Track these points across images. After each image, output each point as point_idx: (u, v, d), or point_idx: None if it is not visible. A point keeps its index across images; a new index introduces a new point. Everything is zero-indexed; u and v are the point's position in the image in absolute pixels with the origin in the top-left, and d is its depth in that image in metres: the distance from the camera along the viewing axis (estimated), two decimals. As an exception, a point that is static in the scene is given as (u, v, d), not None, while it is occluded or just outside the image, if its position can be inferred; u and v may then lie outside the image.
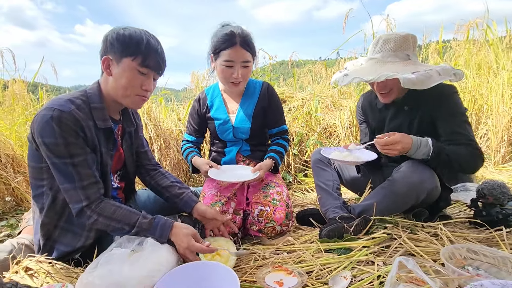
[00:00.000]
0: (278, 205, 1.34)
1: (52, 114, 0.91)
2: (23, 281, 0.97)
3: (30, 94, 3.11)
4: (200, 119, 1.60)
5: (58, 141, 0.92)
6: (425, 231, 1.22)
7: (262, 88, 1.55)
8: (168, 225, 0.99)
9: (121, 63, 1.00)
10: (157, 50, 1.02)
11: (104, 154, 1.07)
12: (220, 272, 0.91)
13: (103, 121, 1.04)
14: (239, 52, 1.34)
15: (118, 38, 0.98)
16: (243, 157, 1.59)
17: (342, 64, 4.26)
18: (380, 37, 1.31)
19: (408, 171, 1.23)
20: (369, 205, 1.31)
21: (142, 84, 1.03)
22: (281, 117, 1.60)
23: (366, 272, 0.98)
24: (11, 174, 2.00)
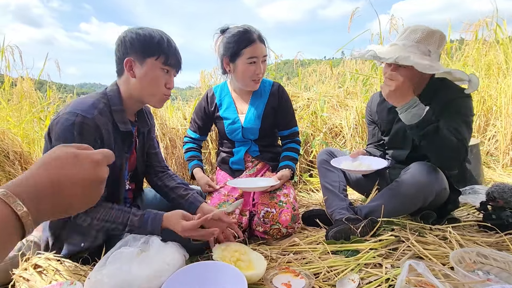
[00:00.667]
0: (284, 207, 1.33)
1: (74, 119, 0.92)
2: (32, 278, 0.99)
3: (37, 91, 3.13)
4: (206, 117, 1.59)
5: None
6: (433, 233, 1.21)
7: (272, 88, 1.54)
8: (159, 218, 1.00)
9: (144, 64, 1.01)
10: (176, 48, 1.06)
11: (118, 157, 1.07)
12: (228, 272, 0.91)
13: (124, 123, 1.05)
14: (260, 47, 1.37)
15: (138, 39, 0.99)
16: (251, 157, 1.58)
17: (347, 64, 4.24)
18: (409, 26, 1.28)
19: (416, 172, 1.22)
20: (376, 207, 1.30)
21: (166, 82, 1.06)
22: (292, 118, 1.59)
23: (374, 274, 0.97)
24: (18, 171, 2.02)
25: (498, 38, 3.03)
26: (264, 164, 1.58)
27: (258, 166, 1.58)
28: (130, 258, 0.87)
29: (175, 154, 2.25)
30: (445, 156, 1.18)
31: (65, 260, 1.05)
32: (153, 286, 0.84)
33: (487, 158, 2.62)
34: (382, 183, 1.48)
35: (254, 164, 1.58)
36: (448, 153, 1.16)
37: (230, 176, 1.56)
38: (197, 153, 1.62)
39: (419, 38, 1.22)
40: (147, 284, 0.83)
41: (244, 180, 1.49)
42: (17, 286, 0.99)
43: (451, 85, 1.27)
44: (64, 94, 3.86)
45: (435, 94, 1.27)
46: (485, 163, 2.55)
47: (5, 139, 2.06)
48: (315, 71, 4.19)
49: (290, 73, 6.32)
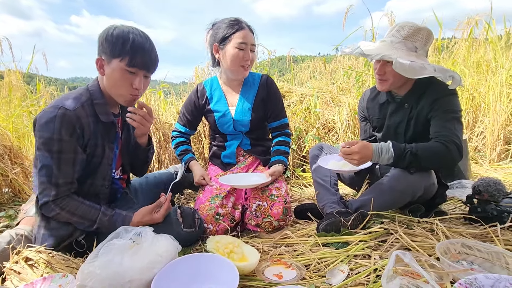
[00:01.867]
0: (276, 200, 1.35)
1: (57, 112, 0.97)
2: (23, 271, 0.98)
3: (26, 85, 3.07)
4: (196, 111, 1.59)
5: (54, 137, 0.97)
6: (421, 226, 1.24)
7: (261, 80, 1.55)
8: (128, 220, 1.06)
9: (111, 64, 1.04)
10: (143, 48, 1.04)
11: (105, 147, 1.11)
12: (220, 264, 0.92)
13: (106, 115, 1.10)
14: (249, 35, 1.40)
15: (107, 39, 1.02)
16: (243, 151, 1.59)
17: (340, 60, 4.26)
18: (398, 23, 1.31)
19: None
20: (367, 201, 1.32)
21: (132, 83, 1.06)
22: (282, 109, 1.59)
23: (363, 265, 1.00)
24: (8, 165, 1.99)
25: (488, 36, 3.08)
26: (255, 158, 1.59)
27: (249, 159, 1.59)
28: (123, 250, 0.87)
29: (168, 149, 2.25)
30: (442, 164, 1.23)
31: (56, 253, 1.05)
32: (146, 277, 0.84)
33: (475, 154, 2.68)
34: (373, 178, 1.51)
35: (246, 158, 1.59)
36: (443, 160, 1.19)
37: (221, 170, 1.57)
38: (189, 147, 1.62)
39: (406, 35, 1.25)
40: (139, 275, 0.83)
41: (236, 175, 1.49)
42: (8, 279, 0.99)
43: (438, 82, 1.30)
44: (55, 87, 3.79)
45: (423, 92, 1.30)
46: (473, 159, 2.61)
47: (-7, 133, 2.03)
48: (308, 67, 4.20)
49: (284, 69, 6.32)
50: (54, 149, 0.98)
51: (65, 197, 1.01)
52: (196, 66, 3.74)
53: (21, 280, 0.97)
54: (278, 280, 0.92)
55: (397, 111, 1.37)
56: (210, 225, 1.28)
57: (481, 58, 3.02)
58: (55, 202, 1.00)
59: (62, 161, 0.99)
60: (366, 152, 1.19)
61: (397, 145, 1.20)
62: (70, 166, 1.01)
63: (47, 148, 0.98)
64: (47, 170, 0.99)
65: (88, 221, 1.02)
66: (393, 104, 1.39)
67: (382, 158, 1.20)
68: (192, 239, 1.21)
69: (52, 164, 0.98)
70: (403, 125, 1.35)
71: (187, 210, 1.20)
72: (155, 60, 1.09)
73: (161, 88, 2.97)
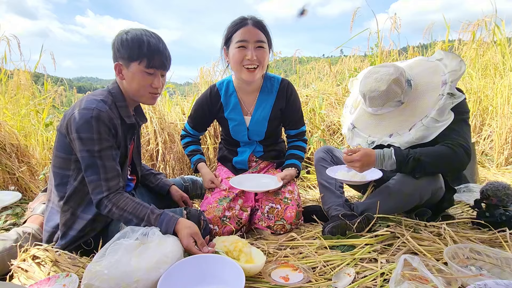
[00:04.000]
0: (290, 203, 1.34)
1: (92, 113, 1.01)
2: (30, 269, 0.99)
3: (34, 84, 3.10)
4: (209, 114, 1.52)
5: (94, 136, 1.00)
6: (428, 230, 1.22)
7: (280, 86, 1.46)
8: (173, 222, 1.03)
9: (130, 68, 1.08)
10: (159, 49, 1.08)
11: (124, 147, 1.15)
12: (226, 265, 0.92)
13: (128, 117, 1.14)
14: (252, 31, 1.27)
15: (122, 44, 1.06)
16: (256, 157, 1.57)
17: (345, 62, 4.24)
18: (364, 93, 1.29)
19: None
20: (372, 204, 1.31)
21: (151, 83, 1.10)
22: (301, 118, 1.54)
23: (369, 269, 0.99)
24: (15, 163, 2.01)
25: (496, 39, 3.05)
26: (268, 163, 1.58)
27: (261, 165, 1.57)
28: (130, 250, 0.87)
29: (173, 149, 2.25)
30: (449, 168, 1.21)
31: (63, 252, 1.06)
32: (152, 278, 0.84)
33: (482, 157, 2.65)
34: (379, 181, 1.49)
35: (258, 164, 1.57)
36: (449, 164, 1.18)
37: (232, 174, 1.53)
38: (198, 147, 1.60)
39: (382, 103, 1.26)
40: (146, 275, 0.83)
41: (247, 176, 1.47)
42: (15, 276, 0.99)
43: None
44: (61, 87, 3.83)
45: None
46: (480, 163, 2.58)
47: (1, 131, 2.05)
48: (314, 68, 4.19)
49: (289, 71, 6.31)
50: (96, 148, 1.00)
51: (116, 193, 1.03)
52: (201, 66, 3.76)
53: (28, 278, 0.97)
54: (284, 282, 0.91)
55: None
56: (216, 226, 1.27)
57: (489, 61, 2.99)
58: (108, 197, 1.01)
59: (104, 158, 1.02)
60: (368, 159, 1.20)
61: (399, 151, 1.19)
62: (112, 161, 1.04)
63: (88, 148, 1.00)
64: (93, 169, 1.01)
65: (136, 219, 1.02)
66: None
67: (385, 164, 1.20)
68: None
69: (97, 162, 1.01)
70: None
71: (193, 211, 1.20)
72: (170, 59, 1.14)
73: (166, 88, 2.99)
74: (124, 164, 1.16)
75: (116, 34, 1.10)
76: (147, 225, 1.01)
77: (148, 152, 2.22)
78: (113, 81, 1.16)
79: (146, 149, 2.22)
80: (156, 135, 2.19)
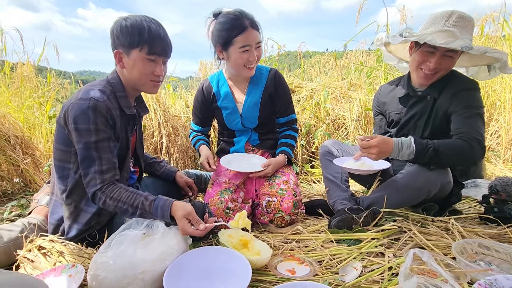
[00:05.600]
0: (285, 194, 1.33)
1: (89, 103, 0.98)
2: (36, 260, 0.99)
3: (38, 76, 3.10)
4: (206, 108, 1.57)
5: (90, 127, 0.98)
6: (435, 225, 1.21)
7: (269, 74, 1.51)
8: (168, 205, 0.98)
9: (130, 55, 1.05)
10: (160, 35, 1.05)
11: (125, 139, 1.13)
12: (232, 258, 0.91)
13: (128, 108, 1.11)
14: (252, 34, 1.32)
15: (122, 31, 1.03)
16: (252, 146, 1.58)
17: (351, 56, 4.19)
18: (452, 12, 1.21)
19: (422, 166, 1.21)
20: (379, 198, 1.30)
21: (153, 70, 1.08)
22: (289, 105, 1.56)
23: (376, 263, 0.98)
24: (20, 155, 2.02)
25: (504, 33, 2.99)
26: (264, 152, 1.58)
27: (258, 153, 1.58)
28: (135, 241, 0.87)
29: (177, 142, 2.24)
30: (462, 162, 1.20)
31: (69, 243, 1.05)
32: (158, 269, 0.84)
33: (488, 153, 2.62)
34: (385, 175, 1.48)
35: (255, 153, 1.58)
36: (464, 158, 1.17)
37: None
38: (202, 137, 1.62)
39: (468, 25, 1.18)
40: (151, 267, 0.83)
41: (238, 156, 1.51)
42: (21, 267, 1.00)
43: (459, 75, 1.26)
44: (64, 80, 3.82)
45: (445, 84, 1.26)
46: (486, 158, 2.55)
47: (5, 123, 2.05)
48: (319, 62, 4.15)
49: (292, 65, 6.25)
50: (92, 140, 0.98)
51: (110, 184, 1.00)
52: (202, 60, 3.73)
53: (34, 268, 0.98)
54: (291, 275, 0.91)
55: (418, 104, 1.34)
56: (220, 219, 1.27)
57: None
58: (102, 189, 0.98)
59: (101, 149, 1.00)
60: (385, 146, 1.16)
61: (419, 140, 1.17)
62: (109, 153, 1.02)
63: (85, 140, 0.98)
64: (88, 161, 0.99)
65: (131, 207, 0.98)
66: (414, 98, 1.35)
67: (403, 154, 1.17)
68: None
69: (92, 154, 0.98)
70: (424, 117, 1.32)
71: (198, 204, 1.19)
72: (171, 45, 1.11)
73: (169, 81, 2.97)
74: (126, 156, 1.14)
75: (114, 21, 1.07)
76: (143, 212, 0.98)
77: (152, 145, 2.21)
78: (113, 71, 1.13)
79: (150, 142, 2.21)
80: (160, 127, 2.18)
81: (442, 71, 1.24)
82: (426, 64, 1.24)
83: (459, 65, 1.34)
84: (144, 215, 0.99)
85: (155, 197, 1.00)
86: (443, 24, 1.21)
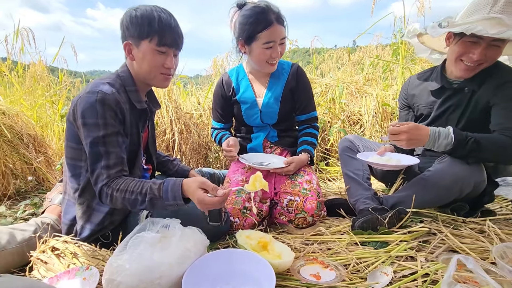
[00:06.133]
0: (309, 195, 1.26)
1: (97, 96, 0.94)
2: (50, 261, 0.96)
3: (50, 75, 3.11)
4: (225, 102, 1.51)
5: (99, 122, 0.94)
6: (468, 226, 1.13)
7: (291, 69, 1.45)
8: (178, 185, 0.90)
9: (140, 46, 1.01)
10: (170, 25, 1.01)
11: (135, 134, 1.08)
12: (253, 261, 0.86)
13: (139, 102, 1.07)
14: (278, 30, 1.27)
15: (131, 22, 0.99)
16: (270, 143, 1.52)
17: (365, 50, 4.07)
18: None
19: (454, 162, 1.13)
20: (405, 197, 1.22)
21: (164, 62, 1.03)
22: (310, 102, 1.50)
23: (408, 268, 0.91)
24: (33, 153, 2.01)
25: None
26: (283, 150, 1.51)
27: (276, 151, 1.52)
28: (151, 243, 0.82)
29: (189, 139, 2.20)
30: (503, 159, 1.12)
31: (82, 244, 1.02)
32: (176, 274, 0.79)
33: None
34: (409, 173, 1.40)
35: (273, 150, 1.52)
36: (505, 155, 1.09)
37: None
38: (227, 132, 1.56)
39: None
40: (169, 271, 0.78)
41: (257, 155, 1.45)
42: (35, 268, 0.96)
43: (504, 66, 1.17)
44: (75, 79, 3.84)
45: (489, 75, 1.17)
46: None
47: (19, 121, 2.04)
48: (332, 57, 4.04)
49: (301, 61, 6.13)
50: (101, 134, 0.93)
51: (116, 178, 0.94)
52: (215, 57, 3.68)
53: (48, 270, 0.94)
54: (316, 281, 0.84)
55: (453, 96, 1.24)
56: (236, 219, 1.22)
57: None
58: (107, 184, 0.92)
59: (109, 144, 0.95)
60: (417, 133, 1.07)
61: (458, 130, 1.09)
62: (117, 147, 0.96)
63: (93, 134, 0.93)
64: (96, 156, 0.94)
65: (140, 195, 0.91)
66: (450, 90, 1.26)
67: (439, 144, 1.09)
68: (219, 234, 1.16)
69: (99, 150, 0.94)
70: (458, 111, 1.23)
71: None
72: (182, 37, 1.06)
73: (179, 79, 2.94)
74: (138, 152, 1.10)
75: (124, 13, 1.02)
76: (153, 198, 0.90)
77: (164, 143, 2.18)
78: (123, 65, 1.09)
79: (162, 139, 2.17)
80: (172, 125, 2.14)
81: (487, 63, 1.14)
82: (468, 55, 1.14)
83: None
84: (154, 202, 0.91)
85: (164, 179, 0.94)
86: (489, 11, 1.10)
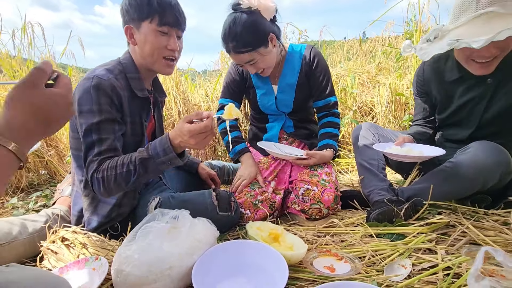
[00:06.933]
0: (327, 186, 1.22)
1: (91, 82, 0.91)
2: (60, 251, 0.95)
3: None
4: (241, 81, 1.41)
5: (93, 108, 0.91)
6: (491, 219, 1.07)
7: (305, 51, 1.37)
8: (165, 137, 0.89)
9: (141, 29, 0.98)
10: (170, 3, 0.98)
11: (138, 124, 1.05)
12: (265, 252, 0.83)
13: (141, 90, 1.03)
14: (237, 58, 1.23)
15: (130, 4, 0.97)
16: (286, 134, 1.47)
17: (376, 40, 3.95)
18: None
19: (479, 153, 1.06)
20: (422, 189, 1.17)
21: (166, 44, 0.99)
22: (328, 85, 1.39)
23: (427, 261, 0.86)
24: (44, 147, 2.03)
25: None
26: (299, 142, 1.47)
27: (293, 144, 1.47)
28: (161, 233, 0.80)
29: (197, 132, 2.18)
30: None
31: (92, 234, 1.01)
32: (185, 264, 0.77)
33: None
34: (426, 163, 1.33)
35: (289, 142, 1.47)
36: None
37: (262, 155, 1.44)
38: (239, 133, 1.45)
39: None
40: (179, 262, 0.76)
41: (276, 144, 1.40)
42: (45, 258, 0.96)
43: None
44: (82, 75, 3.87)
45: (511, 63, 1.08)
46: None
47: (30, 115, 2.06)
48: (342, 47, 3.95)
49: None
50: (95, 121, 0.91)
51: (105, 159, 0.92)
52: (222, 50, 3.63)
53: (58, 260, 0.94)
54: (330, 273, 0.81)
55: (475, 87, 1.16)
56: (247, 210, 1.19)
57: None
58: (97, 169, 0.90)
59: (102, 131, 0.92)
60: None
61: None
62: (111, 135, 0.94)
63: (88, 121, 0.91)
64: (89, 145, 0.92)
65: (132, 164, 0.88)
66: (470, 81, 1.17)
67: None
68: (228, 224, 1.14)
69: (93, 138, 0.91)
70: (483, 102, 1.15)
71: (223, 193, 1.12)
72: (184, 16, 1.02)
73: (187, 71, 2.92)
74: (141, 143, 1.06)
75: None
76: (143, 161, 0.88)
77: (172, 135, 2.17)
78: (125, 52, 1.06)
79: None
80: (181, 116, 2.12)
81: (503, 52, 1.02)
82: (477, 54, 1.02)
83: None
84: (145, 164, 0.88)
85: (148, 144, 0.92)
86: (475, 7, 0.96)
